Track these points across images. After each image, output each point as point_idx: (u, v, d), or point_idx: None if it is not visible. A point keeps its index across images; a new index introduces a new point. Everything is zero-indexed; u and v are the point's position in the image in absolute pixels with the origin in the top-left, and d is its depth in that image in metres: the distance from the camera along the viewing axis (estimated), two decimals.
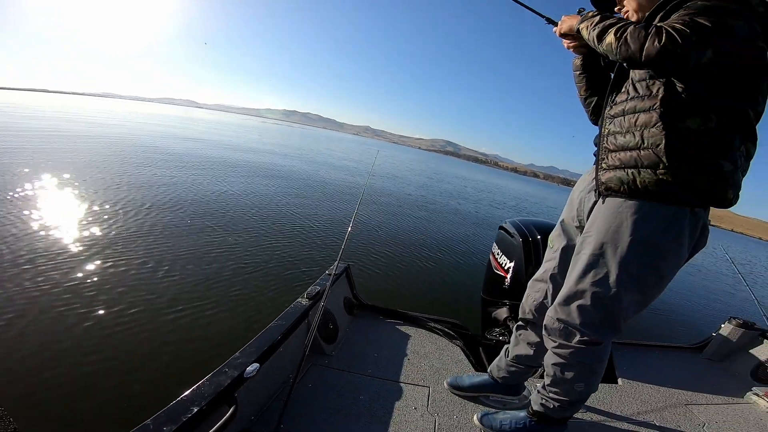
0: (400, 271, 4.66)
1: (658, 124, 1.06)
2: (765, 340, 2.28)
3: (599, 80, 1.45)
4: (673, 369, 2.21)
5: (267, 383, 1.38)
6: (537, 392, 1.37)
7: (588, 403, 1.70)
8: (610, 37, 1.04)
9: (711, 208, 1.14)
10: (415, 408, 1.51)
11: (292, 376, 1.33)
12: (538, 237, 2.05)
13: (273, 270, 3.91)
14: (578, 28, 1.19)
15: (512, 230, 2.17)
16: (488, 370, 1.66)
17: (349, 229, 1.97)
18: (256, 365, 1.22)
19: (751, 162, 1.11)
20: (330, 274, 1.90)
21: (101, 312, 2.70)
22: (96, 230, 4.16)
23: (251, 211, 6.08)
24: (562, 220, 1.44)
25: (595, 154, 1.33)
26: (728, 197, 1.06)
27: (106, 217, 4.63)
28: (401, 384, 1.64)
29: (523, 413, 1.43)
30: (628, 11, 1.26)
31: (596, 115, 1.47)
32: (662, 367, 2.21)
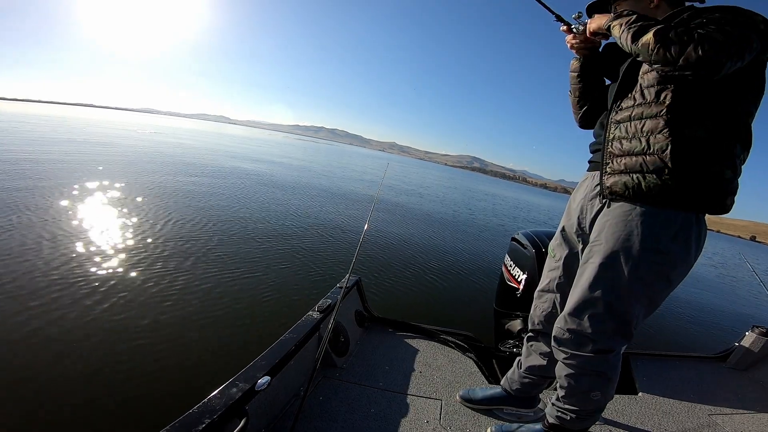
0: (412, 284, 4.62)
1: (665, 130, 1.07)
2: None
3: (594, 86, 1.46)
4: (696, 379, 2.14)
5: (278, 396, 1.40)
6: (552, 405, 1.35)
7: (608, 415, 1.67)
8: (648, 37, 1.02)
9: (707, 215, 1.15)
10: (427, 421, 1.49)
11: (303, 389, 1.34)
12: None
13: (284, 283, 3.93)
14: (610, 25, 1.18)
15: (525, 242, 2.15)
16: (501, 383, 1.64)
17: (360, 242, 1.98)
18: (267, 378, 1.23)
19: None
20: (341, 288, 1.92)
21: (112, 321, 2.77)
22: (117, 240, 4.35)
23: (264, 224, 6.17)
24: (563, 229, 1.44)
25: (590, 161, 1.36)
26: (726, 204, 1.09)
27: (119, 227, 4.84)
28: (413, 397, 1.63)
29: (538, 426, 1.40)
30: None
31: (585, 121, 1.50)
32: (684, 377, 2.15)
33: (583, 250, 1.32)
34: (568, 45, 1.41)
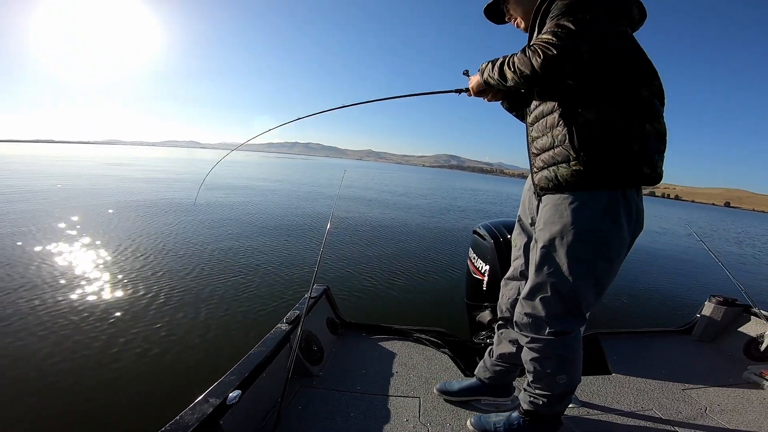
0: (383, 286, 4.64)
1: (561, 122, 1.17)
2: (751, 316, 2.25)
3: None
4: (665, 354, 2.18)
5: (253, 409, 1.39)
6: (524, 391, 1.38)
7: (584, 397, 1.69)
8: (509, 74, 1.16)
9: (643, 188, 1.21)
10: (407, 420, 1.50)
11: (280, 400, 1.34)
12: (509, 236, 2.06)
13: (252, 300, 3.90)
14: (485, 80, 1.29)
15: (484, 233, 2.20)
16: (475, 372, 1.67)
17: (321, 252, 2.00)
18: (238, 392, 1.23)
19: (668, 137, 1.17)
20: (308, 298, 1.92)
21: (80, 335, 2.83)
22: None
23: (227, 241, 6.14)
24: (519, 219, 1.51)
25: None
26: (644, 173, 1.13)
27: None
28: (391, 397, 1.64)
29: (516, 413, 1.42)
30: (517, 19, 1.41)
31: None
32: (653, 353, 2.19)
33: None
34: (486, 101, 1.50)
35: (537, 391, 1.32)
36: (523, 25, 1.40)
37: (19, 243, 5.25)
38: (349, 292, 4.31)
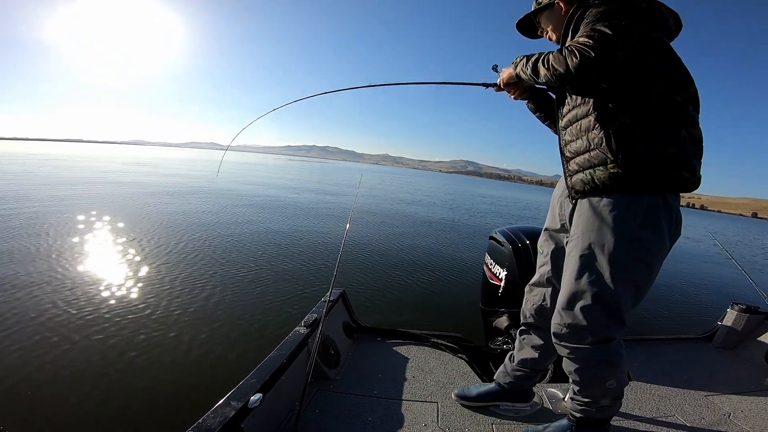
0: (399, 291, 4.64)
1: (597, 125, 1.16)
2: None
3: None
4: (686, 361, 2.14)
5: (273, 412, 1.40)
6: (571, 400, 1.37)
7: None
8: (542, 71, 1.16)
9: (681, 195, 1.20)
10: (425, 425, 1.49)
11: (298, 404, 1.34)
12: (527, 242, 2.07)
13: (270, 302, 3.92)
14: (517, 74, 1.30)
15: (501, 239, 2.19)
16: (494, 377, 1.66)
17: (339, 256, 2.00)
18: (259, 395, 1.24)
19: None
20: (325, 301, 1.93)
21: (101, 343, 2.84)
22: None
23: (244, 243, 6.19)
24: (547, 225, 1.50)
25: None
26: (684, 177, 1.12)
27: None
28: (409, 402, 1.64)
29: (565, 421, 1.41)
30: (548, 33, 1.44)
31: None
32: (674, 360, 2.15)
33: (567, 244, 1.36)
34: (512, 98, 1.53)
35: (586, 399, 1.31)
36: (554, 37, 1.42)
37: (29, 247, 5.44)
38: (363, 296, 4.31)
